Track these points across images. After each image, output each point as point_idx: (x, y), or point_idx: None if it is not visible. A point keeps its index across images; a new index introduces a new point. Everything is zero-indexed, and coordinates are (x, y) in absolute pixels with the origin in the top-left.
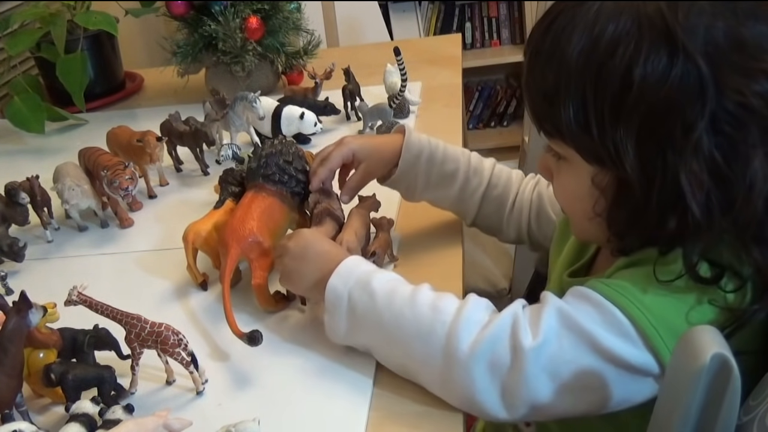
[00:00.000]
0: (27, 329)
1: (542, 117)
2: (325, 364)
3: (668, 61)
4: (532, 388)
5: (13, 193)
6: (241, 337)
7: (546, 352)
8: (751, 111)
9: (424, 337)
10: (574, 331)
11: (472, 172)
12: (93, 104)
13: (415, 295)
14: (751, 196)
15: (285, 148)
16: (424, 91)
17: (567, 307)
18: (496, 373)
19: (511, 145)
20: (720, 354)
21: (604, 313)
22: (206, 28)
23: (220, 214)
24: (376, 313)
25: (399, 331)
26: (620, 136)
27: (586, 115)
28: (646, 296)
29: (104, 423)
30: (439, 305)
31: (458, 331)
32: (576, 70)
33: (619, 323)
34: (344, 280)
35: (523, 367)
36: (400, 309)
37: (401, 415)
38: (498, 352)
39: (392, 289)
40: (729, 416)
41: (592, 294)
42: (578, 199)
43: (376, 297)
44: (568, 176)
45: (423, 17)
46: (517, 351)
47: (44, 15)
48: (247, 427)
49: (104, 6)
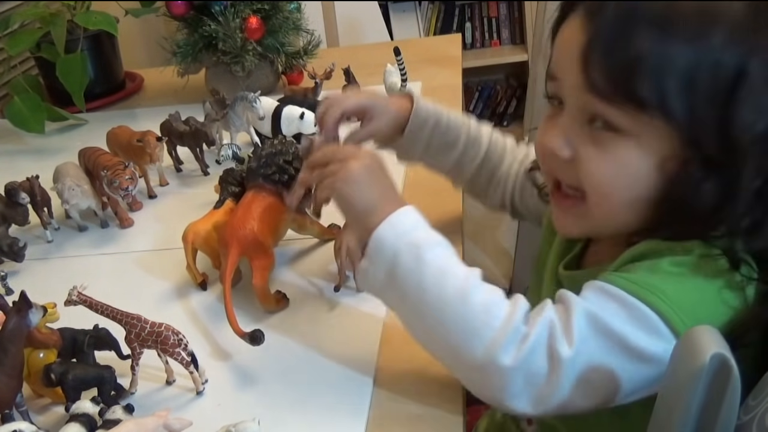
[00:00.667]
0: (27, 329)
1: (625, 80)
2: (325, 364)
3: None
4: (565, 393)
5: (13, 193)
6: (242, 336)
7: (581, 359)
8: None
9: (468, 337)
10: (605, 334)
11: (471, 141)
12: (93, 104)
13: (468, 286)
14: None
15: (285, 147)
16: (424, 91)
17: (594, 308)
18: (532, 382)
19: None
20: (720, 354)
21: (630, 308)
22: (206, 28)
23: (220, 214)
24: (422, 287)
25: (442, 316)
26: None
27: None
28: (669, 288)
29: (104, 423)
30: (492, 308)
31: (502, 343)
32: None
33: (646, 319)
34: (395, 233)
35: (560, 376)
36: (450, 296)
37: (401, 415)
38: (536, 363)
39: (445, 269)
40: (729, 416)
41: (614, 290)
42: (630, 180)
43: (425, 271)
44: (627, 154)
45: (423, 17)
46: (554, 361)
47: (44, 15)
48: (247, 427)
49: (104, 6)
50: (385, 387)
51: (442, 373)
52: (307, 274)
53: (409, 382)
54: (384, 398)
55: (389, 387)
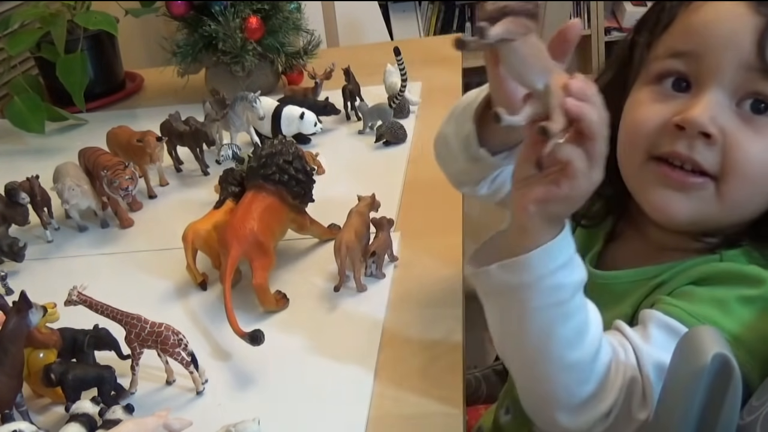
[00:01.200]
0: (27, 329)
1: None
2: (325, 365)
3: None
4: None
5: (13, 193)
6: (242, 336)
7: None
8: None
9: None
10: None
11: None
12: (93, 104)
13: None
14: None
15: (285, 148)
16: (424, 91)
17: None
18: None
19: None
20: (721, 354)
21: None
22: (206, 28)
23: (220, 214)
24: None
25: (556, 360)
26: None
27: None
28: (740, 331)
29: (104, 423)
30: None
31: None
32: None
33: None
34: (546, 266)
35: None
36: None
37: (401, 415)
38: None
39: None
40: (730, 416)
41: (680, 328)
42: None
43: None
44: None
45: (423, 17)
46: (630, 422)
47: (44, 15)
48: (247, 427)
49: (104, 6)
50: (385, 387)
51: (442, 373)
52: (307, 274)
53: (409, 382)
54: (384, 398)
55: (389, 387)
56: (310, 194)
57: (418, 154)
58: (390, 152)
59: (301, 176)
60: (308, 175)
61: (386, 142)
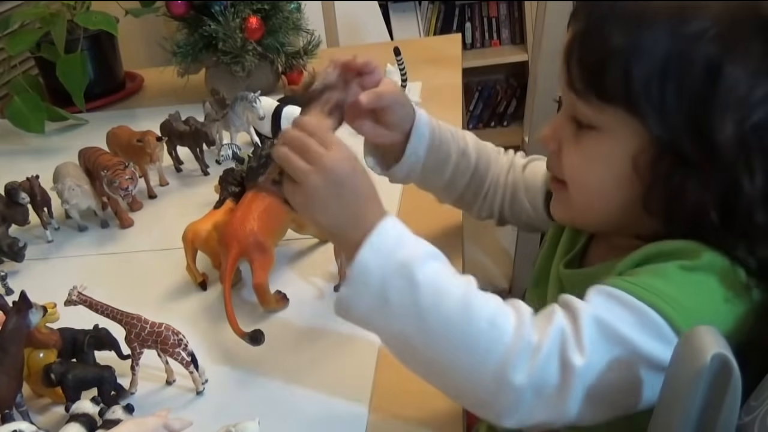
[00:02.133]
0: (27, 329)
1: (599, 76)
2: (325, 365)
3: (763, 54)
4: (576, 403)
5: (13, 193)
6: (243, 336)
7: (593, 369)
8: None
9: (479, 357)
10: (616, 343)
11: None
12: (93, 104)
13: (469, 302)
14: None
15: None
16: (424, 91)
17: (603, 314)
18: (543, 393)
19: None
20: (720, 354)
21: (638, 314)
22: (206, 28)
23: (220, 214)
24: (418, 311)
25: (447, 340)
26: (705, 118)
27: (664, 85)
28: (682, 296)
29: (104, 423)
30: (497, 322)
31: (514, 359)
32: (661, 37)
33: (656, 325)
34: (380, 259)
35: (571, 385)
36: (450, 317)
37: (401, 415)
38: (548, 374)
39: (441, 287)
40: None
41: (625, 297)
42: (604, 174)
43: (420, 293)
44: (597, 149)
45: (423, 17)
46: (566, 371)
47: (44, 15)
48: (247, 427)
49: (104, 6)
50: (385, 387)
51: None
52: (307, 274)
53: (409, 383)
54: (384, 398)
55: (389, 387)
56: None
57: None
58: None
59: None
60: None
61: None
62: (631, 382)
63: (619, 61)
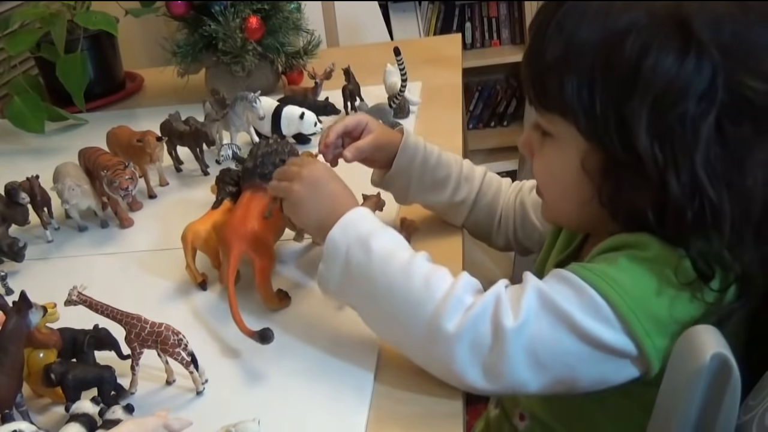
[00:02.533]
0: (27, 329)
1: (542, 90)
2: (325, 364)
3: (681, 52)
4: (512, 365)
5: (13, 193)
6: (251, 335)
7: (526, 332)
8: (753, 109)
9: (412, 310)
10: (552, 312)
11: (463, 179)
12: (93, 104)
13: (411, 265)
14: (749, 193)
15: (280, 147)
16: (424, 91)
17: (546, 288)
18: (478, 351)
19: (511, 145)
20: (720, 354)
21: (582, 295)
22: (206, 28)
23: (218, 214)
24: (370, 274)
25: (389, 298)
26: (629, 120)
27: (592, 94)
28: (625, 280)
29: (104, 423)
30: (432, 281)
31: (445, 311)
32: (586, 49)
33: (596, 305)
34: (345, 233)
35: (504, 346)
36: (394, 276)
37: (401, 415)
38: (480, 332)
39: (390, 253)
40: (729, 416)
41: (570, 276)
42: (561, 179)
43: (372, 258)
44: (554, 155)
45: (423, 17)
46: (498, 331)
47: (44, 15)
48: (247, 427)
49: (104, 6)
50: (385, 387)
51: None
52: (306, 273)
53: (409, 382)
54: (384, 398)
55: (389, 387)
56: None
57: None
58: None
59: None
60: None
61: None
62: (567, 353)
63: (554, 72)
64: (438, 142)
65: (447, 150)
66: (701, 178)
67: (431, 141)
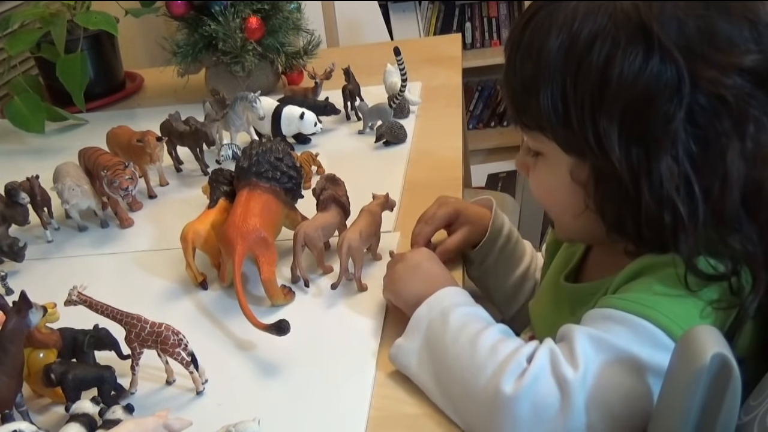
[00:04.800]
0: (27, 329)
1: (521, 109)
2: (325, 365)
3: (645, 56)
4: (585, 421)
5: (13, 193)
6: (265, 329)
7: (590, 381)
8: (724, 103)
9: (474, 375)
10: (611, 353)
11: (533, 259)
12: (93, 104)
13: (481, 333)
14: (727, 187)
15: (275, 145)
16: (424, 91)
17: (595, 331)
18: (543, 413)
19: (511, 145)
20: (720, 354)
21: (634, 327)
22: (206, 28)
23: (216, 213)
24: (443, 344)
25: (455, 366)
26: (602, 129)
27: (566, 106)
28: (668, 303)
29: (104, 423)
30: (499, 347)
31: (504, 374)
32: (555, 63)
33: (651, 335)
34: (430, 309)
35: (572, 400)
36: (463, 344)
37: (401, 415)
38: (542, 391)
39: (464, 324)
40: (729, 416)
41: (614, 313)
42: (557, 194)
43: (447, 329)
44: (545, 172)
45: (423, 17)
46: (562, 385)
47: (44, 15)
48: (247, 427)
49: (104, 6)
50: (385, 387)
51: None
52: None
53: (409, 382)
54: (384, 398)
55: (389, 387)
56: (299, 190)
57: (418, 154)
58: (390, 152)
59: (292, 172)
60: (298, 171)
61: (386, 142)
62: (638, 392)
63: (529, 91)
64: (438, 142)
65: (447, 150)
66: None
67: (431, 141)
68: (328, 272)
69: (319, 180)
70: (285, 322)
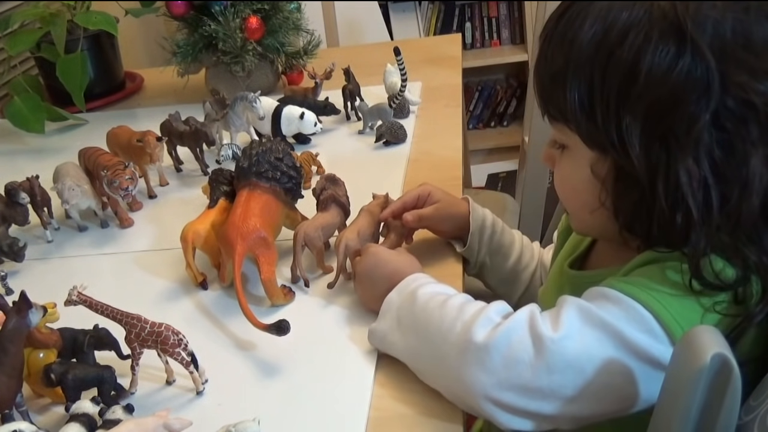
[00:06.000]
0: (27, 329)
1: (548, 99)
2: (325, 365)
3: (676, 53)
4: (556, 382)
5: (13, 193)
6: (265, 329)
7: (570, 346)
8: (753, 109)
9: (444, 334)
10: (597, 326)
11: (525, 246)
12: (93, 104)
13: (448, 299)
14: (747, 194)
15: (274, 145)
16: (424, 91)
17: (587, 303)
18: (513, 366)
19: (511, 145)
20: (720, 354)
21: (626, 309)
22: (206, 28)
23: (216, 213)
24: (413, 316)
25: (425, 330)
26: (625, 125)
27: (591, 99)
28: (667, 293)
29: (104, 423)
30: (466, 307)
31: (474, 326)
32: (585, 55)
33: (642, 318)
34: (399, 292)
35: (545, 357)
36: (431, 310)
37: (401, 415)
38: (515, 344)
39: (432, 296)
40: (729, 416)
41: (610, 292)
42: (577, 188)
43: (416, 302)
44: (568, 165)
45: (423, 17)
46: (536, 342)
47: (44, 15)
48: (247, 427)
49: (104, 6)
50: (385, 387)
51: None
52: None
53: (409, 382)
54: (384, 398)
55: (389, 387)
56: (299, 190)
57: (418, 154)
58: (390, 152)
59: (292, 172)
60: (298, 171)
61: (386, 142)
62: (620, 372)
63: (558, 82)
64: (438, 142)
65: (447, 150)
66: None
67: (431, 141)
68: (328, 272)
69: (319, 180)
70: (285, 322)
